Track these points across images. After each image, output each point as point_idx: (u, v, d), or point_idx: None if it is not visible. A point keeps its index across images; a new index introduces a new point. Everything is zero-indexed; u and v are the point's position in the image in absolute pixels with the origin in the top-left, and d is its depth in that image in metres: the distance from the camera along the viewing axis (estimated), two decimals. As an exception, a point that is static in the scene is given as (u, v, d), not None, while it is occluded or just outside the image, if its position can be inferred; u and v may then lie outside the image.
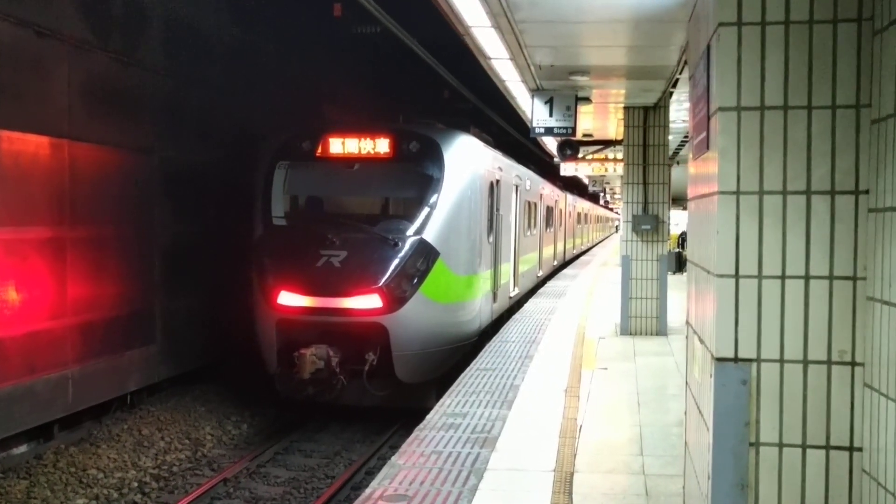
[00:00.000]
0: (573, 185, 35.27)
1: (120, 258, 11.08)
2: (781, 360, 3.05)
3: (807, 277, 3.04)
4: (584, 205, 40.54)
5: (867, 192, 2.99)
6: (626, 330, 12.39)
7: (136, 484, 9.16)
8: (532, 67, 9.25)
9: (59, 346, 9.86)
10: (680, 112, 13.93)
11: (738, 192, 3.05)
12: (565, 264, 29.93)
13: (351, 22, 14.40)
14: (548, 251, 23.45)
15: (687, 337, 4.06)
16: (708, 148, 3.32)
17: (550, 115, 10.63)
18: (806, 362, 3.04)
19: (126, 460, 9.70)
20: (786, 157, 3.02)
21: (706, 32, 3.36)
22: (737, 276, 3.07)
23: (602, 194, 46.17)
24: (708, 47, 3.31)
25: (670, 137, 13.20)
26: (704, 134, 3.38)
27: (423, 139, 11.57)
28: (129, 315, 11.27)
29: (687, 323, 4.05)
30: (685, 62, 8.88)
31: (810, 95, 3.01)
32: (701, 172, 3.54)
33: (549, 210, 23.59)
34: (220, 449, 10.56)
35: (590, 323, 13.82)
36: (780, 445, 3.06)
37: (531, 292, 19.20)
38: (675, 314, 13.33)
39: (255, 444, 10.66)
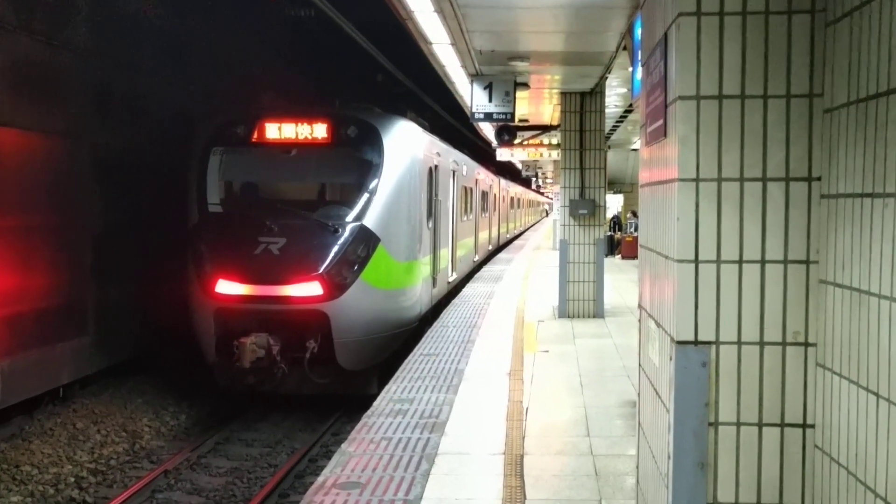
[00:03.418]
0: (506, 170, 35.56)
1: (49, 247, 10.73)
2: (739, 342, 3.14)
3: (763, 262, 3.13)
4: (516, 189, 40.92)
5: (819, 178, 3.09)
6: (565, 313, 12.58)
7: (72, 479, 8.93)
8: (472, 52, 9.28)
9: (-13, 340, 9.52)
10: (612, 97, 14.15)
11: (697, 179, 3.11)
12: (500, 248, 30.19)
13: (285, 4, 14.16)
14: (483, 236, 23.62)
15: (640, 320, 4.14)
16: (665, 135, 3.37)
17: (490, 100, 10.68)
18: (762, 344, 3.14)
19: (61, 455, 9.44)
20: (743, 144, 3.10)
21: (663, 21, 3.42)
22: (696, 261, 3.14)
23: (534, 179, 46.62)
24: (665, 36, 3.37)
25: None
26: (661, 121, 3.44)
27: (362, 124, 11.49)
28: (59, 306, 10.94)
29: (640, 306, 4.13)
30: (623, 48, 9.02)
31: (766, 85, 3.08)
32: (657, 159, 3.60)
33: (485, 195, 23.73)
34: (159, 441, 10.37)
35: (528, 306, 13.98)
36: (738, 424, 3.16)
37: (468, 277, 19.31)
38: (609, 296, 13.61)
39: (195, 435, 10.50)
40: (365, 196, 11.07)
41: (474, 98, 10.62)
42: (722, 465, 3.18)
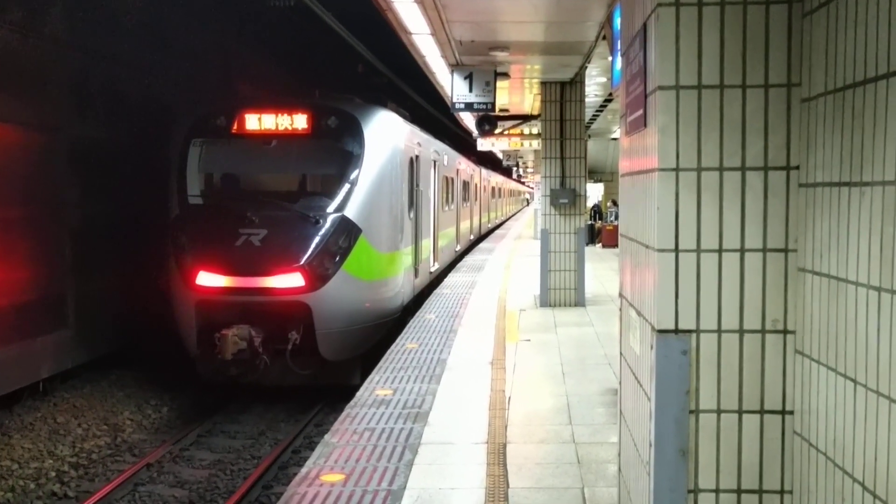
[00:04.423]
0: (487, 160, 35.57)
1: (27, 240, 10.64)
2: (719, 331, 3.17)
3: (742, 250, 3.16)
4: (497, 179, 40.95)
5: (797, 167, 3.12)
6: (546, 302, 12.62)
7: (53, 473, 8.88)
8: (453, 43, 9.26)
9: (-35, 334, 9.43)
10: (592, 87, 14.18)
11: (677, 169, 3.13)
12: (481, 238, 30.23)
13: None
14: (465, 225, 23.63)
15: (620, 309, 4.17)
16: (645, 125, 3.39)
17: (470, 90, 10.68)
18: (742, 332, 3.17)
19: (42, 450, 9.38)
20: (722, 134, 3.12)
21: (642, 11, 3.43)
22: (676, 250, 3.16)
23: (515, 168, 46.66)
24: (644, 26, 3.38)
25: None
26: (641, 111, 3.46)
27: (342, 114, 11.45)
28: (39, 299, 10.85)
29: (620, 295, 4.16)
30: (603, 37, 9.03)
31: (745, 75, 3.11)
32: (637, 149, 3.62)
33: (466, 185, 23.74)
34: (141, 434, 10.32)
35: (510, 295, 14.02)
36: (719, 412, 3.19)
37: (450, 267, 19.33)
38: (590, 285, 13.67)
39: (178, 428, 10.46)
40: (346, 187, 11.04)
41: (455, 88, 10.61)
42: (703, 452, 3.21)
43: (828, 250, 2.87)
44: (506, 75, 11.32)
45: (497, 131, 16.74)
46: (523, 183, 66.71)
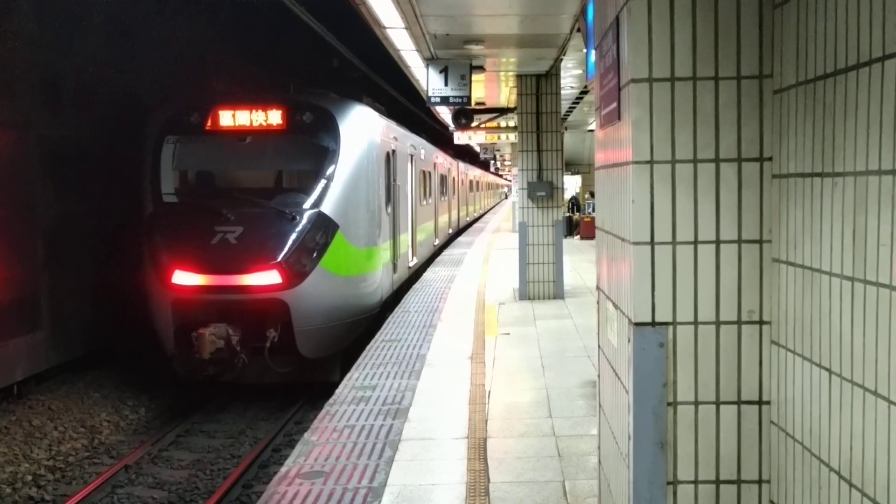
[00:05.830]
0: (465, 153, 35.56)
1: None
2: (696, 322, 3.17)
3: (717, 242, 3.16)
4: (475, 172, 40.95)
5: (770, 159, 3.13)
6: (525, 295, 12.63)
7: (29, 477, 8.78)
8: (427, 37, 9.22)
9: (-63, 338, 9.29)
10: (567, 79, 14.20)
11: (651, 162, 3.13)
12: (460, 232, 30.23)
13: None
14: (443, 220, 23.62)
15: (598, 302, 4.17)
16: (619, 118, 3.38)
17: (445, 84, 10.66)
18: (718, 323, 3.18)
19: (17, 453, 9.27)
20: (695, 126, 3.11)
21: (615, 4, 3.42)
22: (652, 243, 3.16)
23: (493, 161, 46.68)
24: (617, 19, 3.37)
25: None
26: (615, 104, 3.45)
27: (317, 110, 11.39)
28: (10, 301, 10.71)
29: (598, 288, 4.16)
30: (577, 30, 9.04)
31: (717, 67, 3.10)
32: (612, 141, 3.61)
33: (443, 179, 23.72)
34: (119, 435, 10.23)
35: (489, 289, 14.02)
36: (696, 403, 3.20)
37: (429, 261, 19.31)
38: (569, 277, 13.71)
39: (156, 429, 10.38)
40: (322, 182, 10.98)
41: (430, 82, 10.59)
42: (681, 443, 3.22)
43: (801, 241, 2.88)
44: (481, 68, 11.31)
45: (473, 124, 16.71)
46: (501, 176, 66.78)
